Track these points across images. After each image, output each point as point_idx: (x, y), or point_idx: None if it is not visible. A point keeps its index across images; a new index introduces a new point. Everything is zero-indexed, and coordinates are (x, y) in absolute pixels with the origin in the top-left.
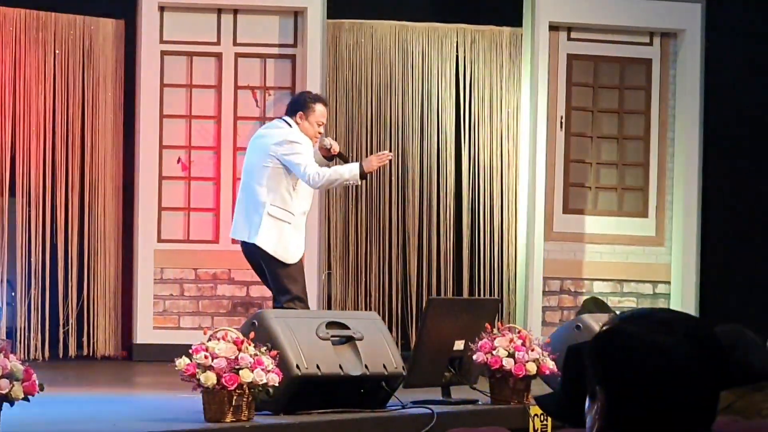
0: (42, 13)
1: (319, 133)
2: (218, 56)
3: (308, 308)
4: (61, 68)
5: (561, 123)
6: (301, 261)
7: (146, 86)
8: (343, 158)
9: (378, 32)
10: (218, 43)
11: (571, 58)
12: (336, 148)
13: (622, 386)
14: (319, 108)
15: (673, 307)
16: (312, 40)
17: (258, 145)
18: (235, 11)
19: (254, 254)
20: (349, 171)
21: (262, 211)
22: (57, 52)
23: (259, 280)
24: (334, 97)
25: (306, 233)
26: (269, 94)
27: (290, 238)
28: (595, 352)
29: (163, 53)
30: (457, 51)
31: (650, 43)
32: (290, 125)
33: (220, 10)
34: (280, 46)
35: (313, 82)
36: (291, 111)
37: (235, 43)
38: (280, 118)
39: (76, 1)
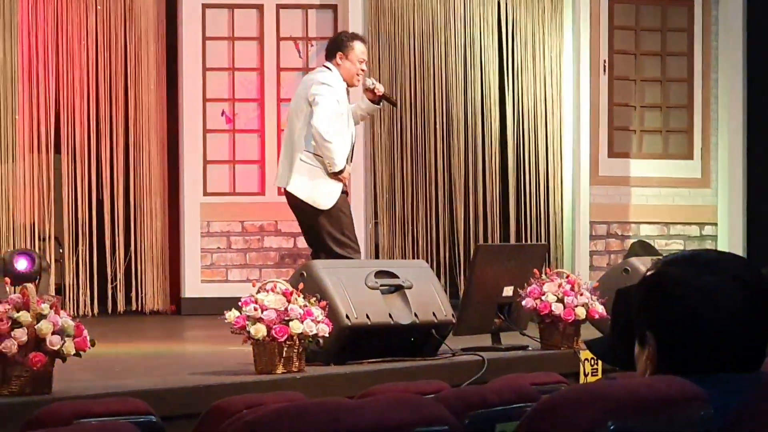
0: None
1: (362, 70)
2: (260, 8)
3: (358, 251)
4: (103, 24)
5: (604, 67)
6: (339, 203)
7: (188, 40)
8: (389, 101)
9: None
10: None
11: (612, 1)
12: (380, 89)
13: (671, 329)
14: (358, 45)
15: (720, 248)
16: None
17: (298, 92)
18: None
19: (292, 202)
20: (338, 161)
21: (296, 157)
22: (99, 8)
23: None
24: (376, 47)
25: (352, 183)
26: (311, 45)
27: (323, 183)
28: (642, 297)
29: (205, 6)
30: None
31: None
32: (330, 69)
33: None
34: None
35: (354, 31)
36: (330, 53)
37: None
38: (323, 65)
39: None
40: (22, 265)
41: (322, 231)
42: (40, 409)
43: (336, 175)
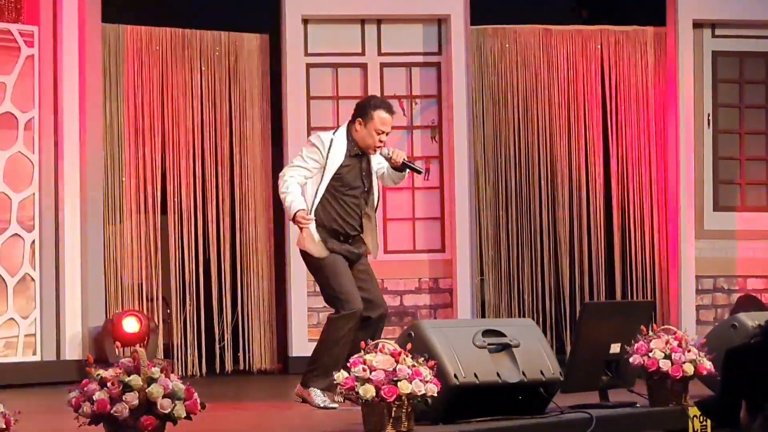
0: (187, 31)
1: (381, 142)
2: (363, 66)
3: (355, 315)
4: (208, 85)
5: (708, 120)
6: (336, 260)
7: (292, 99)
8: (412, 168)
9: (522, 37)
10: (363, 53)
11: (716, 54)
12: (398, 158)
13: None
14: (378, 116)
15: None
16: (456, 46)
17: None
18: (379, 21)
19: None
20: (290, 207)
21: None
22: (203, 69)
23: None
24: (480, 103)
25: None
26: (416, 103)
27: (312, 235)
28: (756, 366)
29: (308, 65)
30: (601, 52)
31: None
32: (343, 130)
33: (363, 21)
34: (425, 54)
35: (458, 88)
36: (353, 116)
37: (379, 53)
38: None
39: (220, 18)
40: (130, 326)
41: (319, 285)
42: None
43: (293, 221)
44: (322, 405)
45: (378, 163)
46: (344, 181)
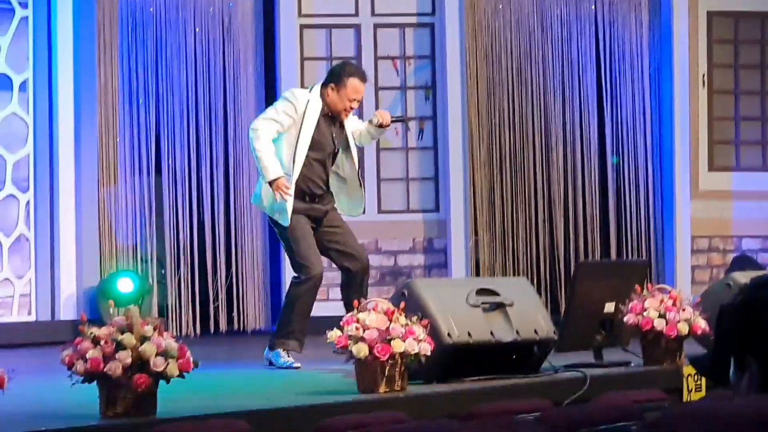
0: None
1: (351, 108)
2: (357, 27)
3: (312, 280)
4: (202, 46)
5: (703, 80)
6: (298, 223)
7: (286, 60)
8: (401, 120)
9: None
10: (356, 14)
11: (711, 14)
12: (386, 121)
13: None
14: (352, 83)
15: None
16: (450, 7)
17: None
18: None
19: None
20: (268, 168)
21: None
22: (197, 30)
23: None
24: (474, 64)
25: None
26: (409, 64)
27: (275, 199)
28: (738, 322)
29: (302, 27)
30: (595, 12)
31: None
32: (315, 90)
33: None
34: (419, 15)
35: (452, 49)
36: (326, 80)
37: (373, 14)
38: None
39: None
40: (125, 286)
41: (287, 252)
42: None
43: (270, 185)
44: (285, 366)
45: (353, 124)
46: (313, 141)
